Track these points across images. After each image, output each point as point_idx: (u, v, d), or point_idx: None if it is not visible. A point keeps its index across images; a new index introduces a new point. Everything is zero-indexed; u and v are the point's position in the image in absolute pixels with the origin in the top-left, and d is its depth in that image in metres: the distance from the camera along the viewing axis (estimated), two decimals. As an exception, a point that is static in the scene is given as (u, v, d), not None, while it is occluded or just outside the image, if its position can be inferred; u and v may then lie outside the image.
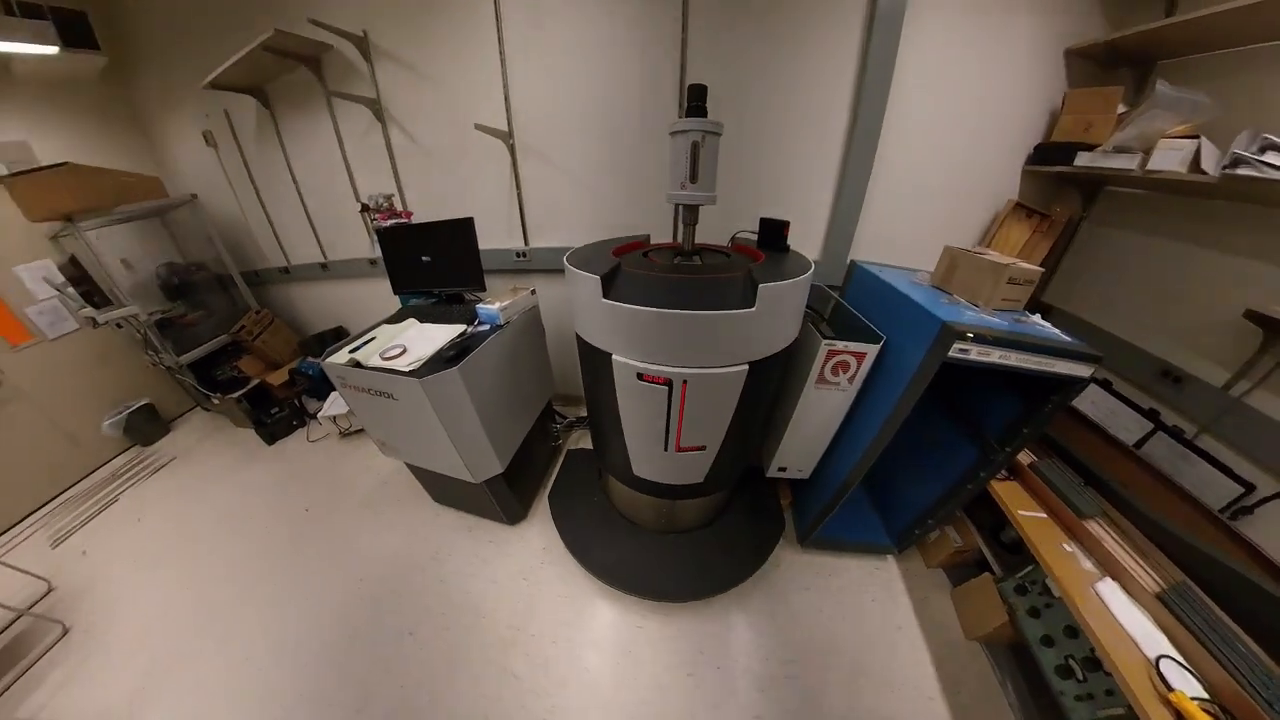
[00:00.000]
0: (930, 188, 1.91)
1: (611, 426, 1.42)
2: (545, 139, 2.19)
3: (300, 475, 2.72)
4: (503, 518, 2.12)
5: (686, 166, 1.13)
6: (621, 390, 1.21)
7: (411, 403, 1.53)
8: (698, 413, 1.21)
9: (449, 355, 1.55)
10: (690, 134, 1.09)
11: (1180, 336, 1.53)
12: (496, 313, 1.79)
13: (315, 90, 2.43)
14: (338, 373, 1.64)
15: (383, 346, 1.66)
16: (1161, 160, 1.33)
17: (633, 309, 1.06)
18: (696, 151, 1.11)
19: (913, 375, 1.20)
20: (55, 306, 2.82)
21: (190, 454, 3.05)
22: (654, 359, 1.10)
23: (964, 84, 1.70)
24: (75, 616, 2.03)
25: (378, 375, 1.54)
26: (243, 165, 2.91)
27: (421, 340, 1.68)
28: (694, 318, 1.03)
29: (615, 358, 1.14)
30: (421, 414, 1.54)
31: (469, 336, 1.69)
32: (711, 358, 1.09)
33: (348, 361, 1.60)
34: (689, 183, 1.15)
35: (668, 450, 1.32)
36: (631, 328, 1.10)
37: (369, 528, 2.29)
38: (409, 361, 1.53)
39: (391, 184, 2.51)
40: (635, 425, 1.33)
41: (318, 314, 3.45)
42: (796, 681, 1.54)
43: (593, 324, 1.20)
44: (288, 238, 3.14)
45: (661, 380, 1.11)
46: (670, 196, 1.22)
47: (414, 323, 1.85)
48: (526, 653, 1.69)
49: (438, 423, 1.55)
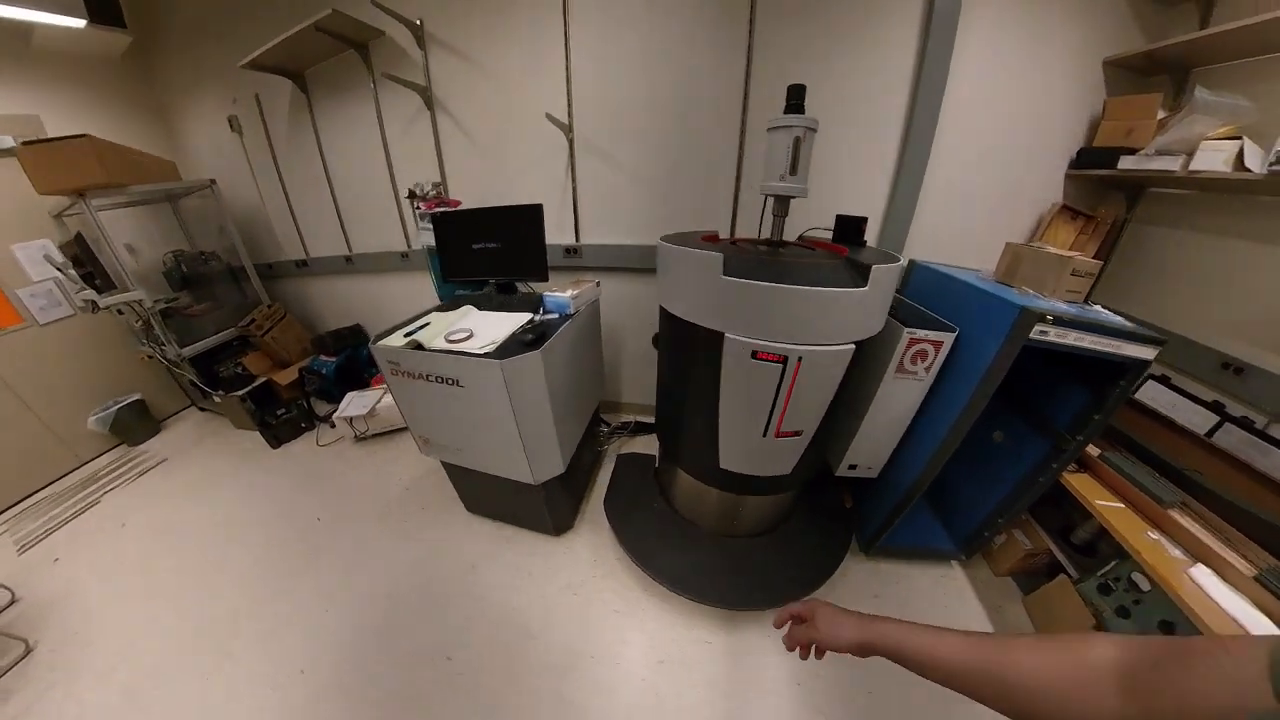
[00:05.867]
0: (976, 190, 1.93)
1: (699, 417, 1.37)
2: (604, 134, 2.15)
3: (310, 481, 2.50)
4: (549, 527, 1.94)
5: (787, 160, 1.16)
6: (728, 372, 1.18)
7: (483, 390, 1.39)
8: (802, 394, 1.20)
9: (527, 339, 1.43)
10: (793, 129, 1.13)
11: (1237, 329, 1.52)
12: (567, 301, 1.68)
13: (359, 76, 2.36)
14: (390, 357, 1.49)
15: (444, 331, 1.53)
16: (1204, 161, 1.38)
17: (757, 284, 1.05)
18: (798, 146, 1.15)
19: (992, 361, 1.21)
20: (50, 290, 2.60)
21: (184, 455, 2.80)
22: (771, 336, 1.09)
23: (1009, 91, 1.74)
24: (41, 633, 1.76)
25: (444, 359, 1.40)
26: (268, 151, 2.79)
27: (488, 325, 1.55)
28: (815, 293, 1.05)
29: (729, 336, 1.12)
30: (492, 403, 1.40)
31: (538, 324, 1.57)
32: (824, 335, 1.10)
33: (407, 344, 1.46)
34: (789, 175, 1.18)
35: (766, 435, 1.28)
36: (751, 305, 1.09)
37: (391, 539, 2.08)
38: (481, 344, 1.40)
39: (434, 173, 2.41)
40: (735, 410, 1.27)
41: (334, 310, 3.27)
42: (876, 696, 1.41)
43: (704, 304, 1.18)
44: (309, 229, 2.99)
45: (777, 358, 1.10)
46: (764, 188, 1.26)
47: (472, 309, 1.73)
48: (586, 676, 1.51)
49: (509, 412, 1.41)
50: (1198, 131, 1.40)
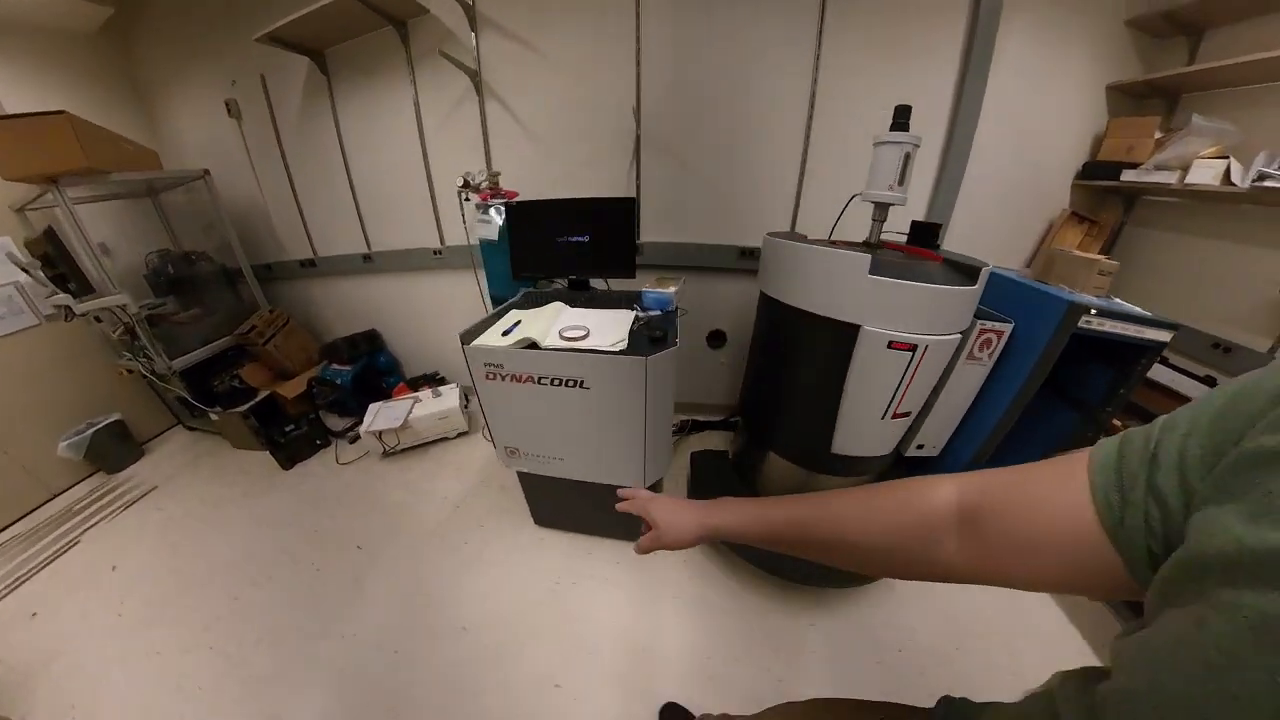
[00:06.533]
0: (1000, 198, 2.07)
1: (814, 402, 1.44)
2: (670, 127, 2.07)
3: (336, 505, 2.23)
4: (634, 531, 1.81)
5: (897, 172, 1.28)
6: (861, 360, 1.27)
7: (614, 389, 1.26)
8: (918, 378, 1.31)
9: (656, 335, 1.32)
10: (904, 146, 1.25)
11: (1222, 316, 1.72)
12: (670, 297, 1.58)
13: (393, 57, 2.16)
14: (491, 359, 1.33)
15: (546, 329, 1.38)
16: (1197, 175, 1.61)
17: (900, 283, 1.16)
18: (908, 161, 1.26)
19: (1046, 346, 1.39)
20: (10, 296, 2.22)
21: (177, 481, 2.44)
22: (906, 328, 1.20)
23: (1029, 110, 1.91)
24: (19, 708, 1.45)
25: (569, 358, 1.26)
26: (274, 140, 2.51)
27: (601, 323, 1.41)
28: (943, 291, 1.18)
29: (866, 328, 1.22)
30: (622, 403, 1.28)
31: (652, 321, 1.45)
32: (942, 327, 1.24)
33: (516, 343, 1.30)
34: (898, 185, 1.29)
35: (884, 418, 1.38)
36: (890, 300, 1.18)
37: (452, 563, 1.87)
38: (610, 341, 1.27)
39: (477, 163, 2.24)
40: (861, 394, 1.35)
41: (343, 314, 2.98)
42: (967, 656, 1.49)
43: (842, 299, 1.25)
44: (319, 225, 2.72)
45: (908, 346, 1.22)
46: (866, 196, 1.36)
47: (563, 307, 1.58)
48: (729, 683, 1.39)
49: (640, 412, 1.29)
50: (1191, 151, 1.63)
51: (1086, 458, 0.34)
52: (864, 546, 0.47)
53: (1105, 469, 0.32)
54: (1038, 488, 0.36)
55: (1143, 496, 0.29)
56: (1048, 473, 0.36)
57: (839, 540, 0.48)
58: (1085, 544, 0.31)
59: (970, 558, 0.40)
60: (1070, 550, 0.33)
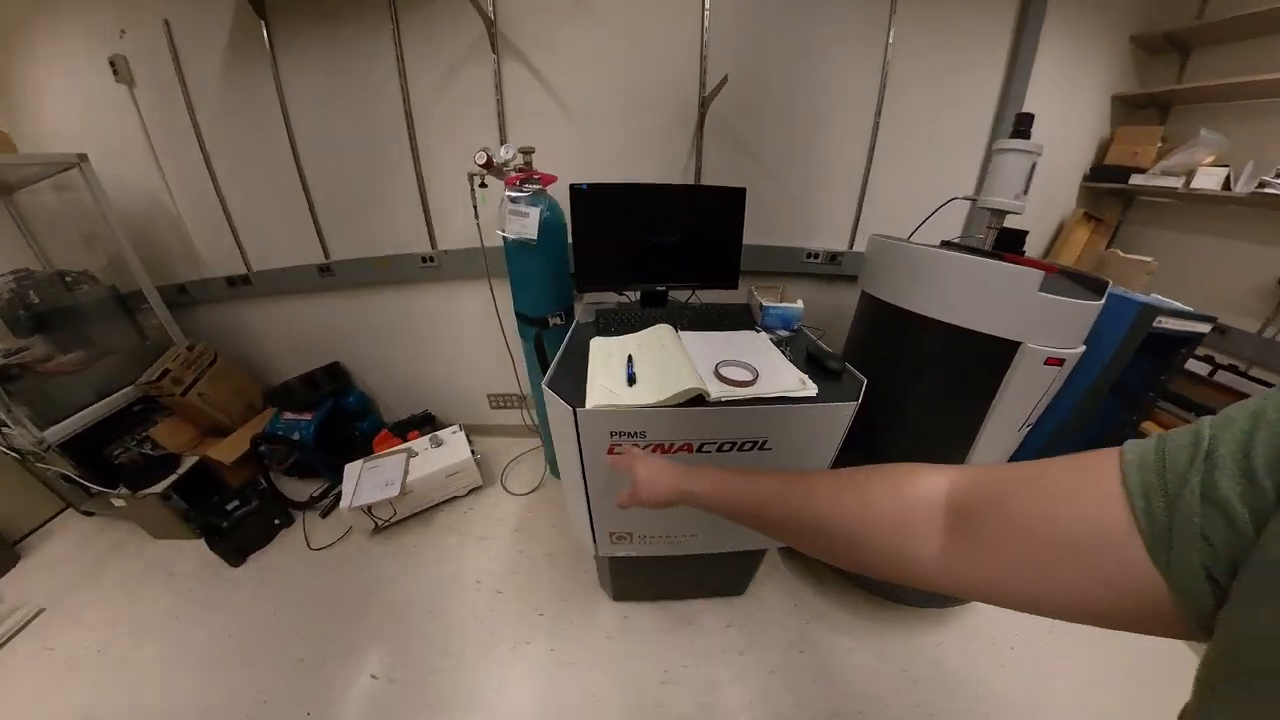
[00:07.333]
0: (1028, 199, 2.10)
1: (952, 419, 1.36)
2: (734, 111, 1.75)
3: (323, 614, 1.63)
4: (737, 585, 1.56)
5: (1023, 181, 1.28)
6: (1017, 375, 1.21)
7: (797, 446, 0.93)
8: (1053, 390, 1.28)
9: (829, 366, 0.99)
10: (1032, 155, 1.25)
11: (1216, 301, 1.84)
12: (799, 312, 1.23)
13: (367, 2, 1.61)
14: (623, 424, 0.90)
15: (684, 371, 0.95)
16: (1201, 181, 1.79)
17: (1069, 301, 1.10)
18: (1033, 170, 1.26)
19: (1119, 346, 1.36)
20: None
21: (74, 598, 1.70)
22: (1060, 343, 1.15)
23: (1050, 118, 1.90)
24: None
25: (750, 413, 0.86)
26: (184, 111, 1.84)
27: (739, 354, 1.03)
28: (1092, 307, 1.14)
29: (1027, 345, 1.15)
30: (802, 461, 0.96)
31: (788, 347, 1.12)
32: (1077, 339, 1.21)
33: (672, 397, 0.86)
34: (1022, 195, 1.29)
35: (1019, 430, 1.32)
36: (1051, 317, 1.12)
37: (518, 675, 1.39)
38: (786, 384, 0.89)
39: (486, 140, 1.72)
40: (1009, 409, 1.28)
41: (292, 344, 2.29)
42: None
43: (1002, 314, 1.17)
44: (253, 229, 2.05)
45: (1058, 361, 1.17)
46: (983, 201, 1.34)
47: (669, 331, 1.15)
48: None
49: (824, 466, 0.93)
50: (1196, 158, 1.80)
51: (1113, 454, 0.28)
52: (831, 532, 0.43)
53: (1143, 467, 0.26)
54: (1053, 484, 0.31)
55: (1196, 502, 0.24)
56: (1065, 468, 0.31)
57: (812, 522, 0.45)
58: (1112, 554, 0.26)
59: (955, 563, 0.34)
60: (1094, 560, 0.27)
